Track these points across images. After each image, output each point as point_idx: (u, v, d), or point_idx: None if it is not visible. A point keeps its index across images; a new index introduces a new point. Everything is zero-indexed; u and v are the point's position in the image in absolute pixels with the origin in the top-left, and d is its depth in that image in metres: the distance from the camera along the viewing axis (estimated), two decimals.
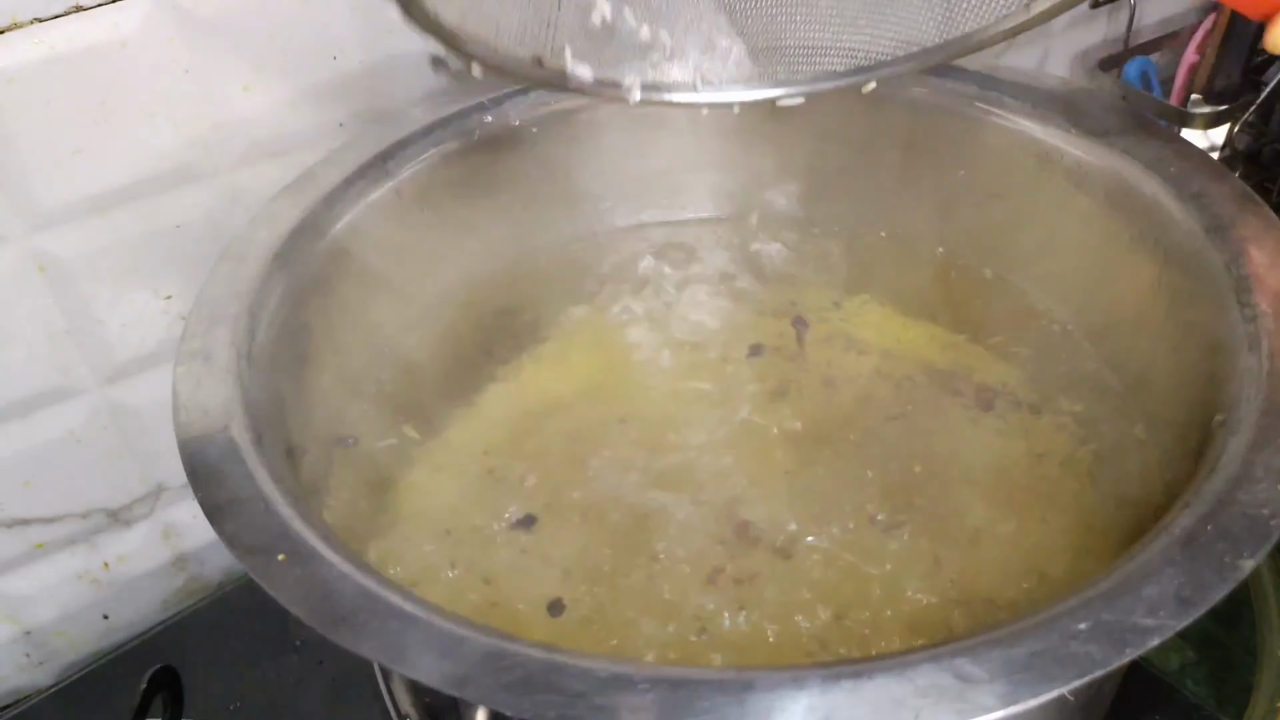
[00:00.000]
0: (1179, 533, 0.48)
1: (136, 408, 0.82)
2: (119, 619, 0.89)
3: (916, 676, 0.43)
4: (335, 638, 0.46)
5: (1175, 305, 0.65)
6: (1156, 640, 0.44)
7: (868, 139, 0.81)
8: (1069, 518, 0.66)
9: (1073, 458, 0.69)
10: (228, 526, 0.51)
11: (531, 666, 0.44)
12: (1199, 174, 0.65)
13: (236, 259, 0.65)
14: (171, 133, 0.75)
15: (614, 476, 0.70)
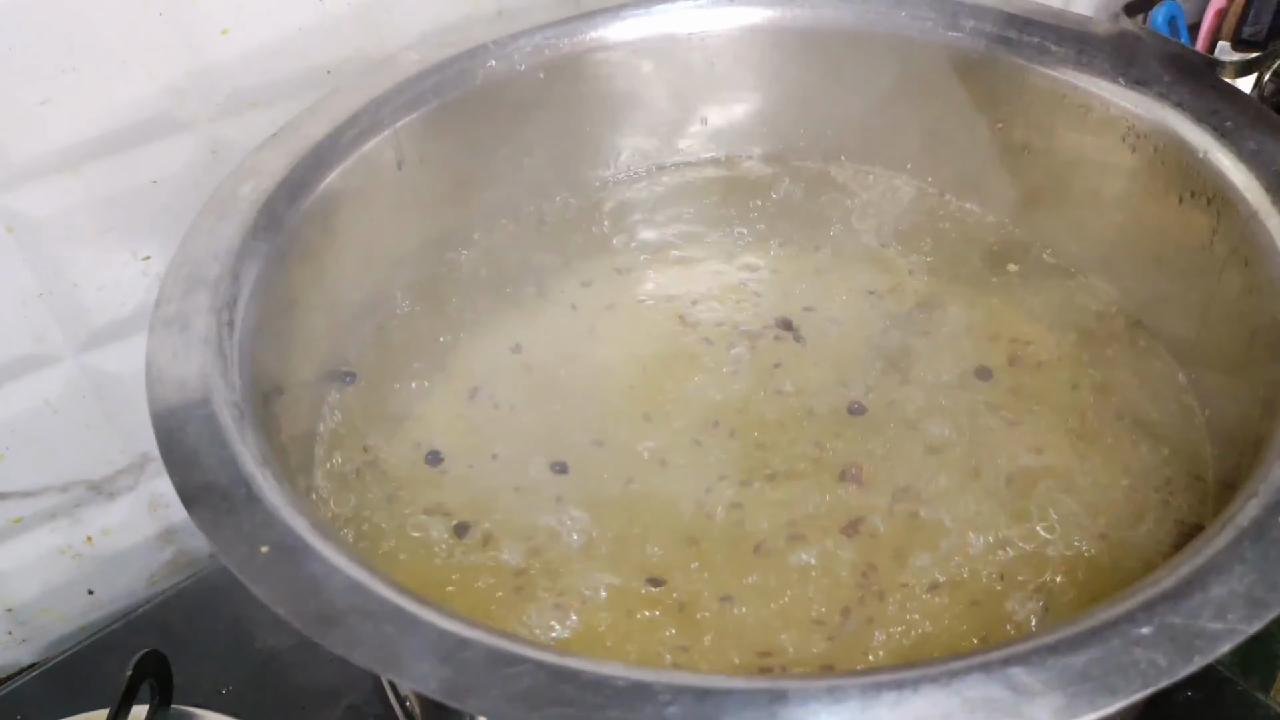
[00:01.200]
0: (1247, 524, 0.44)
1: (117, 375, 0.78)
2: (105, 594, 0.86)
3: (965, 688, 0.39)
4: (325, 642, 0.42)
5: (1230, 271, 0.60)
6: (1227, 646, 0.40)
7: (896, 86, 0.76)
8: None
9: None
10: (205, 514, 0.46)
11: (540, 675, 0.40)
12: (1256, 128, 0.60)
13: (217, 215, 0.60)
14: (146, 81, 0.70)
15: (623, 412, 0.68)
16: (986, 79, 0.72)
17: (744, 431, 0.66)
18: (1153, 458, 0.62)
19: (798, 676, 0.41)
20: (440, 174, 0.72)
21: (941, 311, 0.72)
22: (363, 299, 0.70)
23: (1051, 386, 0.67)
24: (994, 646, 0.41)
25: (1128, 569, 0.57)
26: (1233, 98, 0.63)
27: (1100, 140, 0.68)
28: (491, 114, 0.73)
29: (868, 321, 0.72)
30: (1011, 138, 0.73)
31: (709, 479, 0.63)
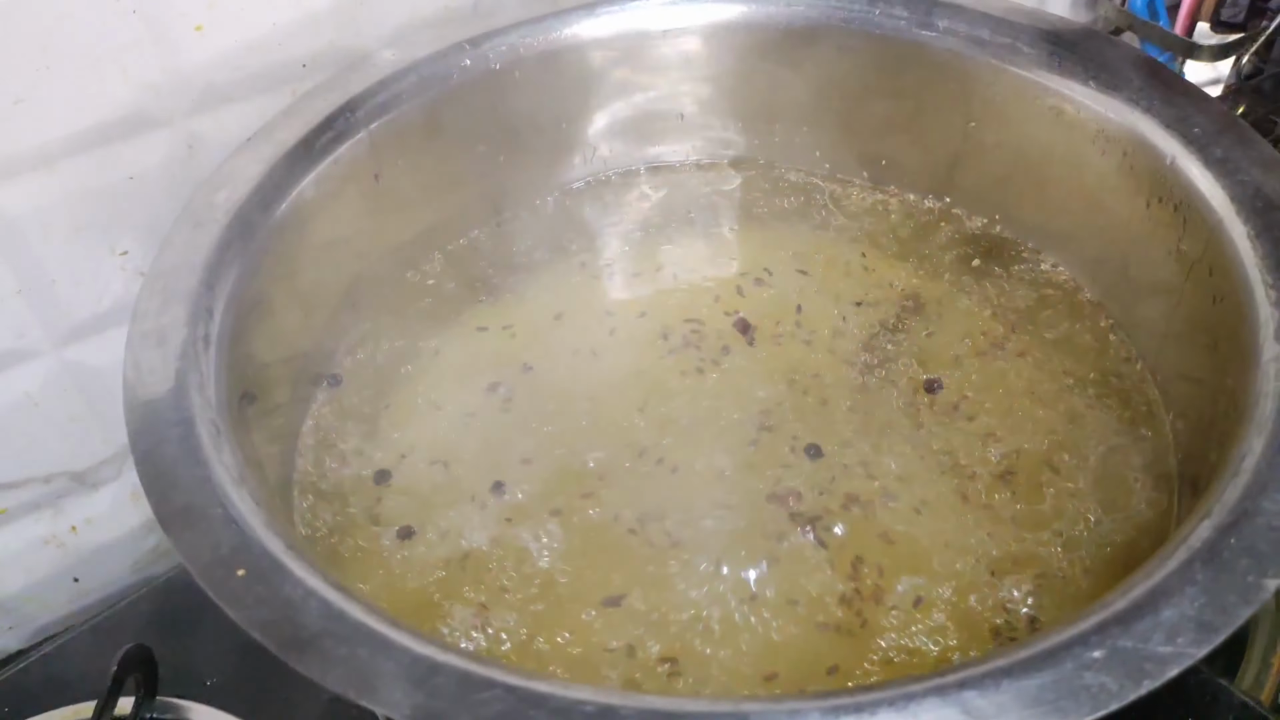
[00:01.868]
0: (1199, 546, 0.45)
1: (97, 368, 0.78)
2: (89, 582, 0.86)
3: (921, 712, 0.41)
4: (299, 666, 0.43)
5: (1195, 278, 0.61)
6: (1176, 669, 0.41)
7: (870, 84, 0.76)
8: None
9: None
10: (183, 536, 0.47)
11: (510, 700, 0.41)
12: (1224, 137, 0.61)
13: (192, 225, 0.60)
14: (120, 79, 0.70)
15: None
16: (959, 78, 0.73)
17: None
18: (1121, 461, 0.63)
19: (759, 700, 0.42)
20: (416, 175, 0.72)
21: (918, 310, 0.72)
22: (338, 304, 0.70)
23: (1016, 384, 0.68)
24: (950, 669, 0.42)
25: (1082, 581, 0.59)
26: (1202, 104, 0.63)
27: (1071, 142, 0.68)
28: (467, 113, 0.73)
29: (845, 322, 0.73)
30: (984, 137, 0.73)
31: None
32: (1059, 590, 0.58)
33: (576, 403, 0.68)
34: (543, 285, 0.76)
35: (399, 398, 0.70)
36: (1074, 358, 0.69)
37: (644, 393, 0.69)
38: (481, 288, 0.76)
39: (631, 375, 0.70)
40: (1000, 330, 0.71)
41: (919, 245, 0.77)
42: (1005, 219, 0.76)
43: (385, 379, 0.71)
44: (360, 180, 0.69)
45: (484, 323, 0.74)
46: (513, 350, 0.72)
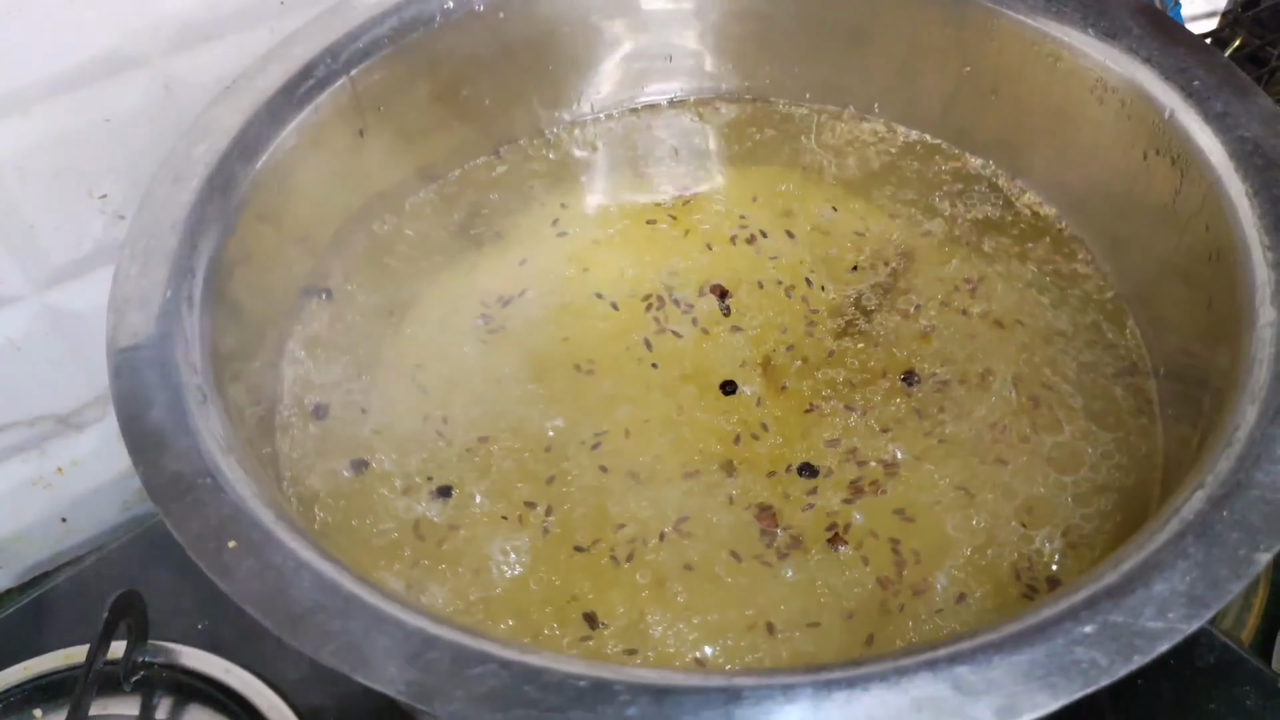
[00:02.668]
0: (1192, 519, 0.45)
1: (79, 312, 0.78)
2: (77, 522, 0.87)
3: (912, 687, 0.41)
4: (294, 642, 0.43)
5: (1191, 233, 0.60)
6: (1166, 645, 0.42)
7: (864, 26, 0.75)
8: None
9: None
10: (173, 507, 0.47)
11: (504, 675, 0.42)
12: (1224, 90, 0.60)
13: (172, 180, 0.59)
14: (95, 20, 0.69)
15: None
16: (955, 22, 0.71)
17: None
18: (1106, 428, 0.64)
19: (753, 674, 0.42)
20: (399, 121, 0.71)
21: (905, 257, 0.72)
22: (322, 253, 0.69)
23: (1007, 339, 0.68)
24: (942, 643, 0.42)
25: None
26: (1203, 54, 0.62)
27: (1068, 90, 0.67)
28: (450, 57, 0.72)
29: (832, 265, 0.72)
30: (980, 82, 0.72)
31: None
32: (1083, 545, 0.59)
33: (555, 356, 0.68)
34: (526, 230, 0.75)
35: (382, 345, 0.69)
36: (1063, 309, 0.68)
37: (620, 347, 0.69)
38: (467, 232, 0.75)
39: (610, 326, 0.70)
40: (988, 278, 0.70)
41: (909, 188, 0.76)
42: (1000, 165, 0.75)
43: (369, 326, 0.70)
44: (343, 129, 0.68)
45: (470, 267, 0.73)
46: (495, 293, 0.72)
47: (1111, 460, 0.61)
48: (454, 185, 0.77)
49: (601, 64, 0.79)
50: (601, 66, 0.79)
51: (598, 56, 0.79)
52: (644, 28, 0.78)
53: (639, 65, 0.80)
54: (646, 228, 0.75)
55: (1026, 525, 0.59)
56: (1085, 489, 0.61)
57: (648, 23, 0.78)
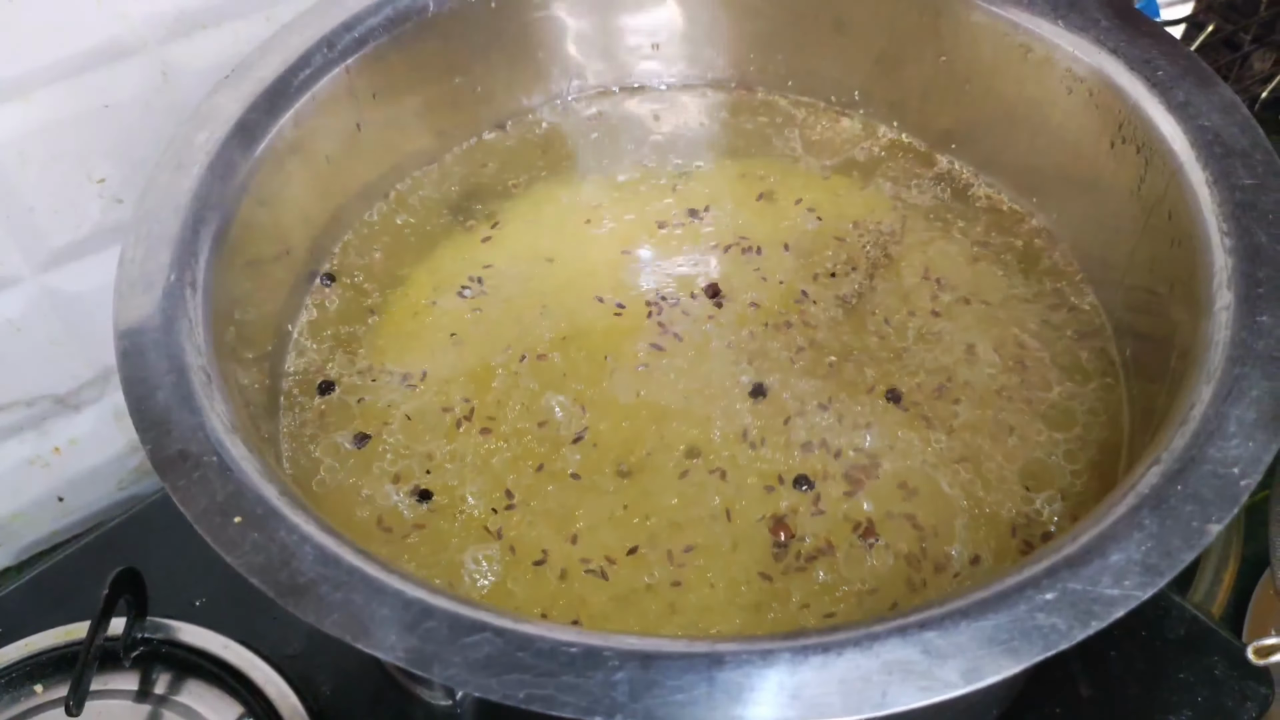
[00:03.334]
0: (1147, 493, 0.48)
1: (77, 293, 0.79)
2: (75, 501, 0.88)
3: (884, 651, 0.43)
4: (297, 611, 0.45)
5: (1155, 219, 0.63)
6: (1121, 611, 0.44)
7: (844, 16, 0.77)
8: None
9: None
10: (179, 483, 0.49)
11: (498, 643, 0.44)
12: (1186, 80, 0.62)
13: (174, 167, 0.61)
14: (93, 6, 0.70)
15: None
16: (931, 12, 0.73)
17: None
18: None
19: (734, 641, 0.44)
20: (395, 107, 0.73)
21: (884, 249, 0.74)
22: (320, 236, 0.71)
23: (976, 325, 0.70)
24: (911, 610, 0.45)
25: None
26: (1167, 45, 0.64)
27: (1039, 80, 0.69)
28: (444, 44, 0.73)
29: (811, 260, 0.74)
30: (955, 71, 0.74)
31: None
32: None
33: (548, 340, 0.70)
34: (520, 212, 0.77)
35: (380, 327, 0.71)
36: (1032, 294, 0.71)
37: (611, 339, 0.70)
38: (461, 215, 0.77)
39: (603, 320, 0.72)
40: (961, 266, 0.72)
41: (886, 175, 0.78)
42: (975, 153, 0.77)
43: (368, 309, 0.72)
44: (339, 116, 0.69)
45: (465, 249, 0.75)
46: (488, 274, 0.74)
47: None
48: (448, 169, 0.79)
49: (590, 51, 0.81)
50: (590, 54, 0.81)
51: (587, 44, 0.81)
52: (632, 16, 0.80)
53: (627, 53, 0.82)
54: (634, 213, 0.77)
55: (1030, 489, 0.62)
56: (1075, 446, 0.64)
57: (636, 11, 0.80)
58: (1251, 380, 0.50)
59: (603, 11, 0.79)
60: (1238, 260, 0.55)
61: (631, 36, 0.81)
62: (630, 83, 0.84)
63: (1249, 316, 0.52)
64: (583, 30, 0.80)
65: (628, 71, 0.83)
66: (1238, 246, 0.55)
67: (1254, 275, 0.54)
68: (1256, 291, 0.53)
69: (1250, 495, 0.80)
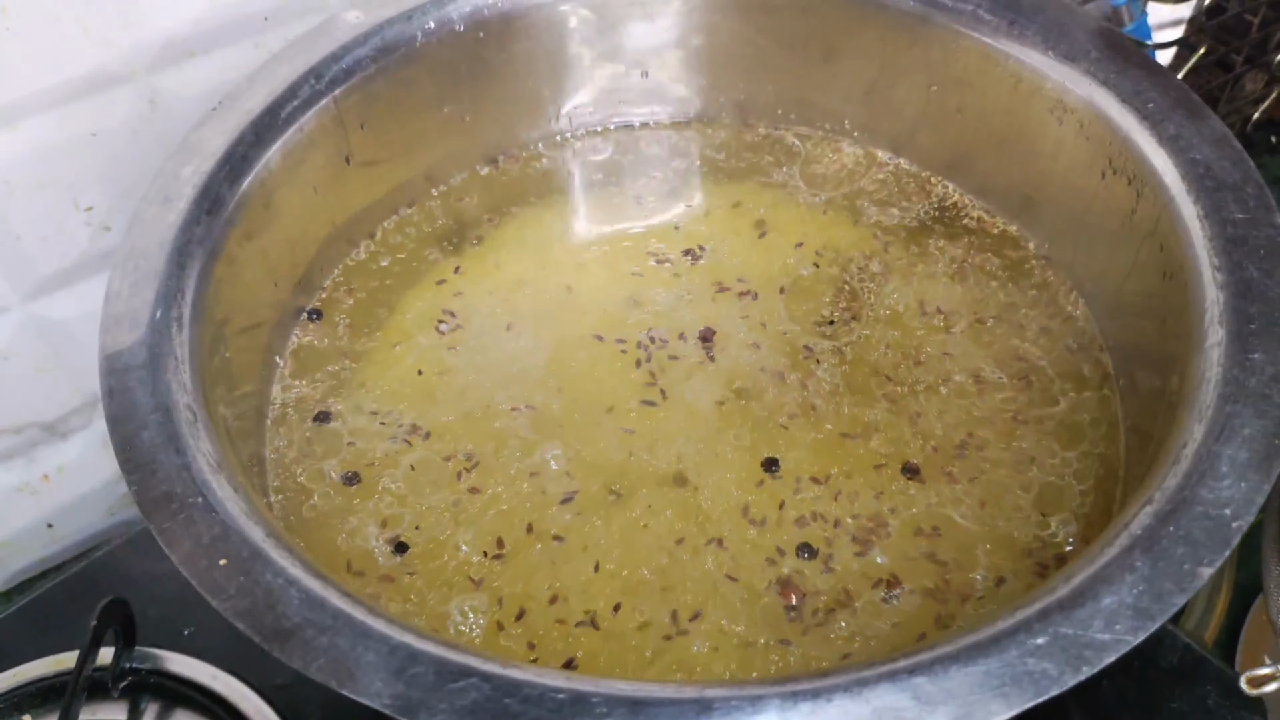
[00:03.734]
0: (1140, 534, 0.47)
1: (64, 321, 0.79)
2: (63, 528, 0.88)
3: (874, 697, 0.43)
4: (283, 656, 0.45)
5: (1146, 251, 0.62)
6: (1113, 656, 0.44)
7: (834, 46, 0.77)
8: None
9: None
10: (165, 525, 0.49)
11: (485, 688, 0.44)
12: (1177, 112, 0.62)
13: (160, 201, 0.61)
14: (81, 36, 0.69)
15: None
16: (921, 42, 0.73)
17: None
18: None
19: (723, 686, 0.44)
20: (382, 139, 0.72)
21: (877, 274, 0.74)
22: (308, 269, 0.71)
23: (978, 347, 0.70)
24: (901, 655, 0.45)
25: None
26: (1158, 77, 0.64)
27: (1029, 110, 0.70)
28: (432, 75, 0.73)
29: (806, 288, 0.74)
30: (946, 101, 0.74)
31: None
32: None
33: (540, 378, 0.70)
34: (508, 244, 0.77)
35: (368, 362, 0.71)
36: (1028, 323, 0.70)
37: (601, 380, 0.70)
38: (450, 247, 0.77)
39: (592, 359, 0.71)
40: (957, 294, 0.72)
41: (879, 205, 0.78)
42: (967, 182, 0.77)
43: (356, 343, 0.72)
44: (327, 148, 0.69)
45: (454, 282, 0.75)
46: (477, 308, 0.74)
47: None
48: (438, 202, 0.79)
49: (579, 83, 0.81)
50: (579, 85, 0.81)
51: (575, 75, 0.81)
52: (620, 47, 0.80)
53: (616, 84, 0.82)
54: (624, 247, 0.77)
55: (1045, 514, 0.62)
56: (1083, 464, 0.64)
57: (624, 43, 0.80)
58: (1244, 419, 0.50)
59: (591, 42, 0.79)
60: (1229, 295, 0.55)
61: (621, 67, 0.81)
62: (621, 113, 0.84)
63: (1241, 353, 0.52)
64: (571, 61, 0.80)
65: (619, 101, 0.83)
66: (1229, 281, 0.55)
67: (1246, 311, 0.54)
68: (1249, 328, 0.53)
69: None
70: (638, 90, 0.83)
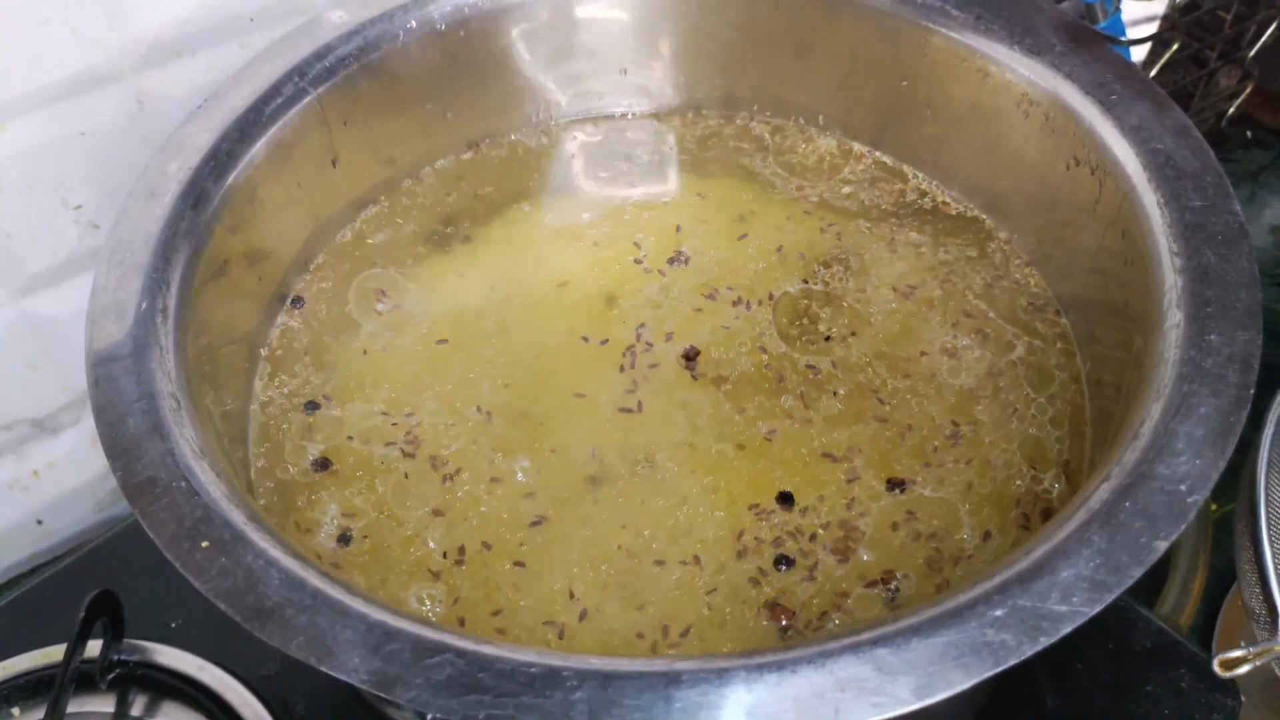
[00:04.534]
0: (1098, 508, 0.49)
1: (54, 318, 0.80)
2: (53, 524, 0.89)
3: (837, 669, 0.44)
4: (263, 635, 0.46)
5: (1109, 239, 0.64)
6: (1069, 627, 0.45)
7: (807, 41, 0.78)
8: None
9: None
10: (149, 509, 0.50)
11: (460, 664, 0.45)
12: (1140, 104, 0.63)
13: (146, 196, 0.62)
14: (69, 37, 0.71)
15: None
16: (891, 37, 0.74)
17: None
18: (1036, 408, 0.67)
19: (691, 659, 0.45)
20: (365, 135, 0.74)
21: (849, 265, 0.75)
22: (292, 263, 0.72)
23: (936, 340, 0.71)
24: (864, 628, 0.46)
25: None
26: (1121, 70, 0.66)
27: (996, 103, 0.71)
28: (414, 72, 0.74)
29: (778, 278, 0.75)
30: (916, 95, 0.76)
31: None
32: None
33: (521, 370, 0.71)
34: (491, 236, 0.78)
35: (352, 353, 0.72)
36: (996, 310, 0.72)
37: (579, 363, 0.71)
38: (432, 240, 0.78)
39: (579, 357, 0.72)
40: (926, 283, 0.74)
41: (852, 198, 0.79)
42: (937, 174, 0.79)
43: (339, 334, 0.73)
44: (311, 144, 0.70)
45: (432, 272, 0.76)
46: (460, 301, 0.75)
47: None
48: (420, 196, 0.80)
49: (559, 78, 0.82)
50: (559, 81, 0.83)
51: (556, 72, 0.82)
52: (599, 44, 0.81)
53: (595, 79, 0.83)
54: (606, 244, 0.78)
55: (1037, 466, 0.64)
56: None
57: (603, 39, 0.81)
58: (1200, 398, 0.51)
59: (570, 39, 0.80)
60: (1187, 280, 0.56)
61: (600, 64, 0.83)
62: (601, 109, 0.85)
63: (1198, 335, 0.54)
64: (551, 58, 0.81)
65: (598, 98, 0.85)
66: (1187, 266, 0.57)
67: (1203, 295, 0.55)
68: (1205, 310, 0.55)
69: (1218, 509, 0.82)
70: (617, 86, 0.84)
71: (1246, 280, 0.56)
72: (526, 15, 0.77)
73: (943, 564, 0.61)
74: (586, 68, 0.82)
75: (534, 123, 0.84)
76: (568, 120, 0.85)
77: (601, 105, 0.85)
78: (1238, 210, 0.59)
